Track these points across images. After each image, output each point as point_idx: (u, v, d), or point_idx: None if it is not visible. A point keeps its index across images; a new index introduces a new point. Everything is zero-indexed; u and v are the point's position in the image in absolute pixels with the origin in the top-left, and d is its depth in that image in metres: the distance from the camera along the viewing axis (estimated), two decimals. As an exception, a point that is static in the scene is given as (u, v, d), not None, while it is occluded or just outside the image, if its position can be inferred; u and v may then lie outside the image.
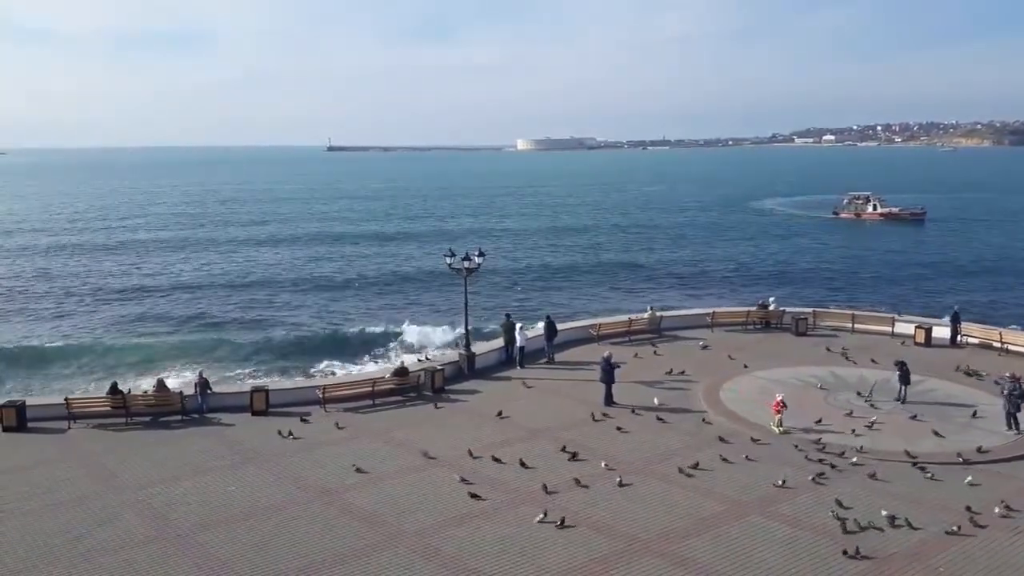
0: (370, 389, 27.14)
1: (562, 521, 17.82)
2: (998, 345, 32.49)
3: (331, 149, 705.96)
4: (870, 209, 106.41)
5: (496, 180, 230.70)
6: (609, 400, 25.89)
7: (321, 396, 26.49)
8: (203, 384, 26.36)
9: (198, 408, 25.92)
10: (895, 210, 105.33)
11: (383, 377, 28.15)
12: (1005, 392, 23.39)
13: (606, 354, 26.61)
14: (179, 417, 25.57)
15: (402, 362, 29.53)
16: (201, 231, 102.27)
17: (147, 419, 25.50)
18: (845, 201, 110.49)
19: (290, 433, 23.91)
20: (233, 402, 26.40)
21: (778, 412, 23.43)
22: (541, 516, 18.03)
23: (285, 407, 26.24)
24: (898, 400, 25.95)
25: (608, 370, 25.84)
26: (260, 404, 25.87)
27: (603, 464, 20.99)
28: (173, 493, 19.86)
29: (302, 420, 25.09)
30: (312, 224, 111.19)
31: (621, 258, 77.94)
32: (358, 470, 21.00)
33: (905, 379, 26.05)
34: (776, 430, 23.32)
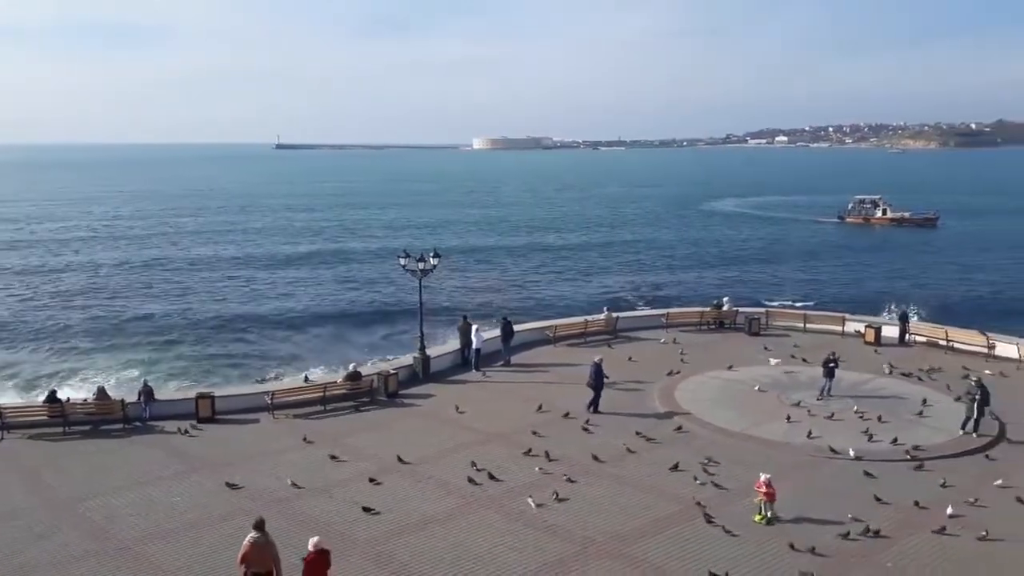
0: (321, 394, 26.58)
1: (522, 523, 17.61)
2: (944, 343, 33.20)
3: (280, 147, 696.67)
4: (879, 214, 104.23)
5: (451, 180, 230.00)
6: (595, 406, 25.50)
7: (270, 402, 25.86)
8: (147, 391, 25.57)
9: (141, 416, 25.11)
10: (906, 214, 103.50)
11: (335, 382, 27.61)
12: (971, 396, 23.40)
13: (597, 359, 26.17)
14: (121, 425, 24.71)
15: (354, 366, 29.02)
16: (143, 233, 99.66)
17: (87, 428, 24.59)
18: (851, 205, 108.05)
19: (186, 431, 23.86)
20: (178, 409, 25.60)
21: (768, 498, 18.04)
22: (498, 520, 17.81)
23: (233, 414, 25.56)
24: (822, 396, 26.25)
25: (598, 375, 25.51)
26: (206, 411, 25.15)
27: (563, 474, 20.80)
28: (114, 505, 19.14)
29: (189, 428, 24.40)
30: (259, 224, 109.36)
31: (578, 259, 78.22)
32: (308, 477, 20.52)
33: (830, 374, 26.41)
34: (757, 518, 18.11)
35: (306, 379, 28.71)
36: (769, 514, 17.95)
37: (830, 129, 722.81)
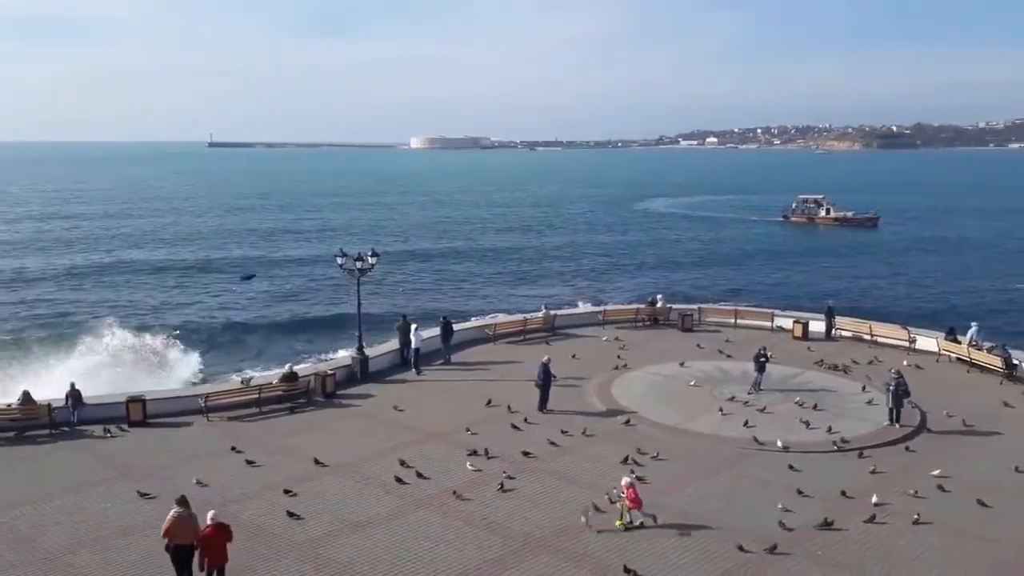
0: (256, 396, 26.13)
1: (462, 522, 17.69)
2: (868, 337, 34.51)
3: (212, 145, 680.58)
4: (822, 213, 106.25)
5: (390, 179, 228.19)
6: (543, 405, 25.61)
7: (204, 405, 25.30)
8: (74, 395, 24.73)
9: (68, 421, 24.31)
10: (848, 214, 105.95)
11: (270, 383, 27.17)
12: (891, 388, 24.35)
13: (545, 359, 26.25)
14: (47, 431, 23.86)
15: (290, 367, 28.62)
16: (67, 234, 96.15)
17: (11, 434, 23.67)
18: (794, 205, 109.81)
19: (108, 431, 23.47)
20: (107, 413, 24.83)
21: (633, 504, 17.66)
22: (438, 519, 17.85)
23: (165, 417, 24.95)
24: (752, 390, 27.06)
25: (545, 375, 25.61)
26: (137, 414, 24.49)
27: (502, 471, 20.95)
28: (41, 513, 18.51)
29: (116, 431, 23.91)
30: (189, 224, 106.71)
31: (516, 258, 78.64)
32: (240, 481, 20.22)
33: (761, 368, 27.26)
34: (618, 524, 17.84)
35: (243, 382, 28.15)
36: (629, 519, 17.78)
37: (759, 131, 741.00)
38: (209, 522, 14.74)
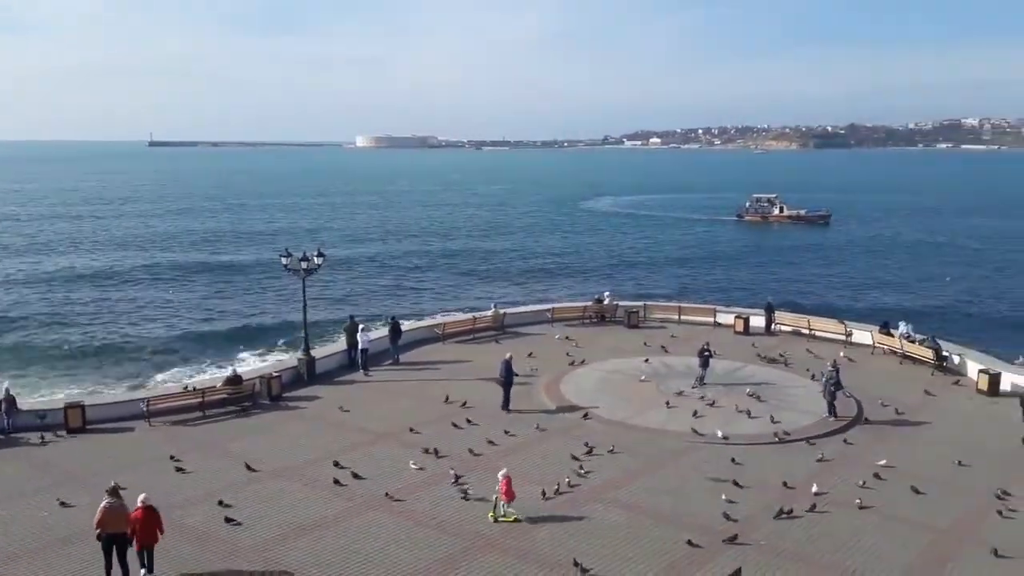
0: (200, 400, 25.67)
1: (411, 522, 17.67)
2: (806, 332, 35.48)
3: (153, 144, 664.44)
4: (776, 211, 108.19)
5: (336, 178, 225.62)
6: (506, 404, 25.64)
7: (146, 409, 24.74)
8: (9, 400, 23.92)
9: (3, 427, 23.51)
10: (801, 212, 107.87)
11: (214, 387, 26.71)
12: (826, 381, 25.05)
13: (507, 357, 26.24)
14: (-20, 440, 23.09)
15: (235, 370, 28.17)
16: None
17: (-60, 444, 22.85)
18: (748, 204, 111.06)
19: (44, 439, 22.85)
20: (45, 419, 24.06)
21: (505, 496, 18.05)
22: (388, 520, 17.80)
23: (105, 423, 24.32)
24: (696, 384, 27.64)
25: (507, 373, 25.62)
26: (76, 421, 23.83)
27: (450, 468, 20.99)
28: (-26, 524, 17.91)
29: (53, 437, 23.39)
30: (129, 226, 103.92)
31: (465, 257, 78.52)
32: (188, 486, 19.86)
33: (705, 363, 27.86)
34: (491, 516, 18.18)
35: (186, 388, 27.54)
36: (503, 513, 18.07)
37: (700, 131, 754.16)
38: (140, 504, 15.38)
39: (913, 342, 31.77)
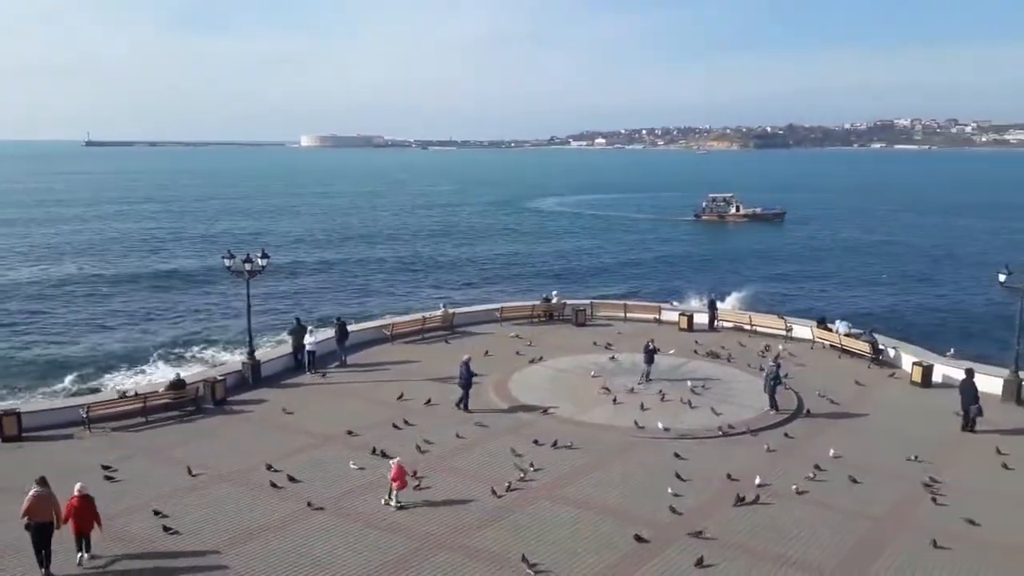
0: (142, 405, 25.07)
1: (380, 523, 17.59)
2: (748, 327, 36.30)
3: (90, 144, 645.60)
4: (732, 210, 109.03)
5: (276, 178, 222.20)
6: (465, 405, 25.57)
7: (86, 416, 24.07)
8: (-63, 411, 23.09)
9: (-69, 439, 22.67)
10: (757, 210, 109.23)
11: (156, 392, 26.13)
12: (768, 375, 25.69)
13: (465, 358, 26.22)
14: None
15: (178, 374, 27.59)
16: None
17: None
18: (704, 204, 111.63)
19: None
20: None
21: (396, 483, 18.66)
22: (337, 522, 17.68)
23: (43, 431, 23.57)
24: (642, 380, 28.07)
25: (467, 375, 25.55)
26: (11, 429, 23.03)
27: (389, 462, 20.90)
28: (-99, 539, 17.19)
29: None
30: (66, 226, 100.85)
31: (413, 258, 78.16)
32: (129, 494, 19.39)
33: (650, 359, 28.34)
34: (392, 504, 18.78)
35: (124, 394, 26.80)
36: (393, 501, 18.66)
37: (644, 132, 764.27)
38: (76, 493, 15.94)
39: (850, 336, 32.73)
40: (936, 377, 28.69)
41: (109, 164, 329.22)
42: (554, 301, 39.00)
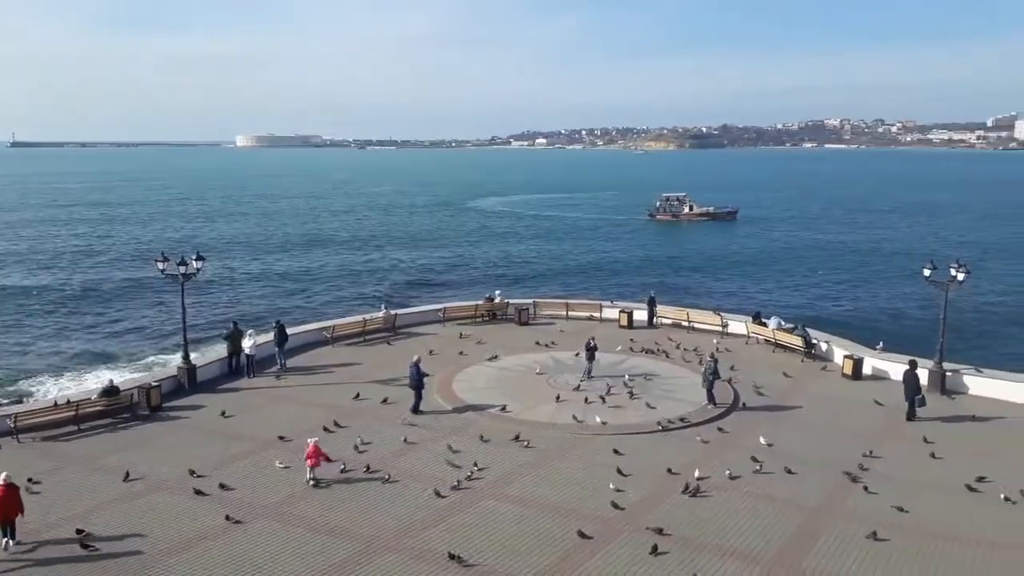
0: (74, 413, 24.27)
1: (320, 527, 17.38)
2: (686, 324, 36.98)
3: (15, 145, 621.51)
4: (687, 209, 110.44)
5: (213, 179, 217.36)
6: (417, 407, 25.36)
7: (13, 426, 23.17)
8: None
9: None
10: (711, 209, 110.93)
11: (89, 399, 25.33)
12: (705, 371, 26.22)
13: (415, 359, 25.95)
14: None
15: (111, 381, 26.79)
16: None
17: None
18: (658, 203, 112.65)
19: None
20: None
21: (311, 461, 19.96)
22: (278, 528, 17.44)
23: (-35, 442, 22.66)
24: (584, 377, 28.39)
25: (418, 376, 25.32)
26: (-69, 442, 22.12)
27: (339, 470, 20.75)
28: None
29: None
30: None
31: (353, 259, 77.43)
32: (64, 504, 18.80)
33: (591, 357, 28.73)
34: (309, 481, 19.96)
35: (56, 404, 25.88)
36: (308, 477, 19.92)
37: (583, 132, 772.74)
38: (0, 482, 16.66)
39: (784, 331, 33.60)
40: (866, 370, 29.67)
41: (36, 166, 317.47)
42: (497, 300, 39.11)
